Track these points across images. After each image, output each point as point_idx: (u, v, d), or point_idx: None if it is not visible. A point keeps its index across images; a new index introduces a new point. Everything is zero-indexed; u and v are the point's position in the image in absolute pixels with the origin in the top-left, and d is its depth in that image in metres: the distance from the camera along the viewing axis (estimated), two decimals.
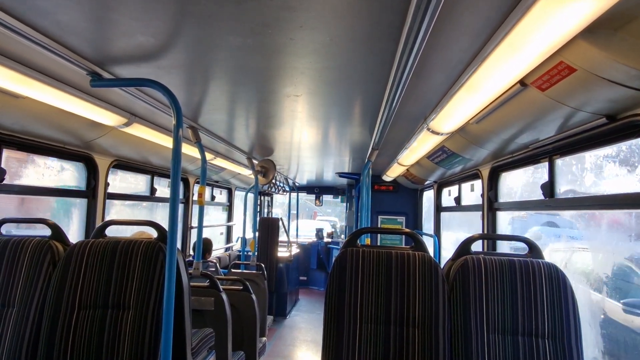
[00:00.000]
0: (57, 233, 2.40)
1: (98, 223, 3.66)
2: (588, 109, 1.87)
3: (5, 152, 2.85)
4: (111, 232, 2.45)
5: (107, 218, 3.95)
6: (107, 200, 3.87)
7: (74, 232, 3.78)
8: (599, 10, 1.23)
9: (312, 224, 14.48)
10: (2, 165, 2.81)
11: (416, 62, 1.70)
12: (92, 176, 3.70)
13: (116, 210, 4.61)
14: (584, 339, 2.03)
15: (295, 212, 10.46)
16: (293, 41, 1.76)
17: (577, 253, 3.35)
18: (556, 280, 2.05)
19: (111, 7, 1.51)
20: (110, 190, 3.92)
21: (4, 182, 2.84)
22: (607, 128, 2.01)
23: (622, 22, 1.31)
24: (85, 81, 2.17)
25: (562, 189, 2.70)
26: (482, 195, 3.77)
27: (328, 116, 3.17)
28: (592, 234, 3.11)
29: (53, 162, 3.62)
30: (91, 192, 3.71)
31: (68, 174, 3.77)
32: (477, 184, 4.05)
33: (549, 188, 2.70)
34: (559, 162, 2.67)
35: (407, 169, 5.37)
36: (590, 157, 2.70)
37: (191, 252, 5.89)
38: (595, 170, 2.69)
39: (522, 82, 1.91)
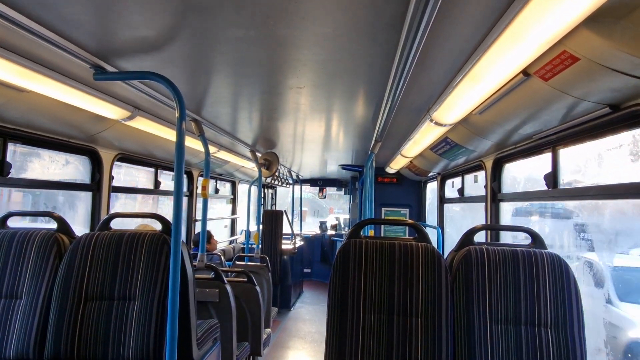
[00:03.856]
0: (63, 226, 2.43)
1: (103, 216, 3.69)
2: (591, 98, 1.87)
3: (11, 146, 2.88)
4: (114, 225, 2.47)
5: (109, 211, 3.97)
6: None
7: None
8: None
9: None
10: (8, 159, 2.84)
11: (419, 52, 1.70)
12: (97, 169, 3.72)
13: (120, 204, 4.64)
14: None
15: (299, 205, 10.48)
16: (296, 33, 1.76)
17: None
18: (559, 270, 2.05)
19: (114, 0, 1.51)
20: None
21: (10, 175, 2.87)
22: (611, 118, 2.00)
23: (626, 11, 1.30)
24: (89, 75, 2.18)
25: (565, 178, 2.70)
26: (486, 187, 3.77)
27: (331, 108, 3.17)
28: None
29: (57, 156, 3.64)
30: (96, 185, 3.74)
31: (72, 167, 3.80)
32: (481, 175, 4.04)
33: (552, 178, 2.70)
34: (563, 152, 2.67)
35: (411, 161, 5.36)
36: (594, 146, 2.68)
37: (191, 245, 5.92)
38: (598, 160, 2.68)
39: (525, 72, 1.90)
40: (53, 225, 2.45)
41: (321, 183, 11.17)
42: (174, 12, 1.61)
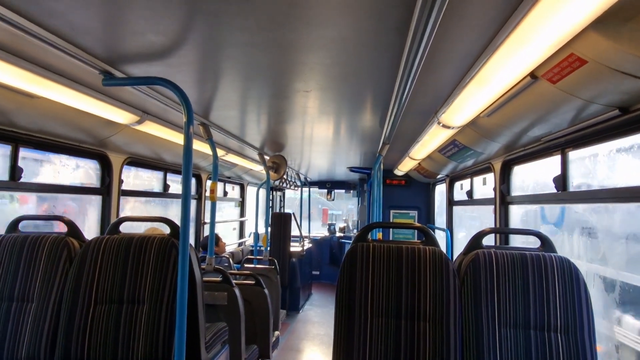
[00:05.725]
0: (73, 230, 2.46)
1: (112, 219, 3.72)
2: (600, 101, 1.85)
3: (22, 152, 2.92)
4: (122, 228, 2.49)
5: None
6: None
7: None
8: (609, 1, 1.21)
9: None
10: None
11: (425, 55, 1.69)
12: (107, 173, 3.76)
13: (130, 207, 4.68)
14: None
15: (307, 207, 10.48)
16: (301, 37, 1.77)
17: None
18: (569, 273, 2.03)
19: (122, 7, 1.53)
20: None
21: (21, 179, 2.91)
22: (620, 120, 1.98)
23: (633, 13, 1.29)
24: (98, 80, 2.20)
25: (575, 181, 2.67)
26: (495, 189, 3.75)
27: (338, 111, 3.17)
28: None
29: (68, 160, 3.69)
30: (106, 189, 3.77)
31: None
32: (490, 177, 4.02)
33: (561, 181, 2.67)
34: (572, 154, 2.64)
35: (419, 163, 5.35)
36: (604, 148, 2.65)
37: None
38: (609, 163, 2.65)
39: (533, 75, 1.88)
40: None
41: (329, 185, 11.15)
42: (181, 17, 1.62)
